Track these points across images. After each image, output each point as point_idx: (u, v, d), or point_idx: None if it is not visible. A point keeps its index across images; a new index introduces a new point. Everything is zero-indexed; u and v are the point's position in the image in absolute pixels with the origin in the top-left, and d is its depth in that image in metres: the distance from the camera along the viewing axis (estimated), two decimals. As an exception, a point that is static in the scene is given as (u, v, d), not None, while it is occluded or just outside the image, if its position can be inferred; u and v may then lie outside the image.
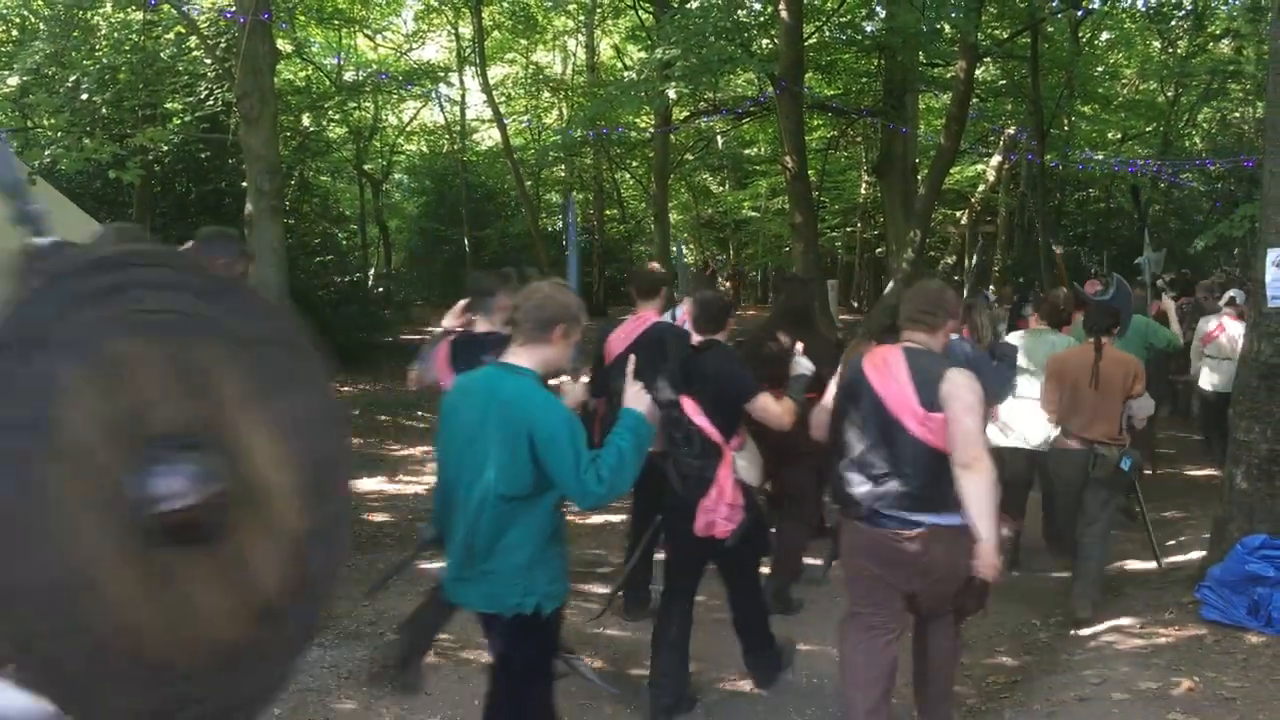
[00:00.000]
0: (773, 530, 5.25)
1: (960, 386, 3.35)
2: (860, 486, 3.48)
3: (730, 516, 3.97)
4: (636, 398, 3.14)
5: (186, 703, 1.30)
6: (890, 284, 7.44)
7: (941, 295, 3.70)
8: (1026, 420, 5.95)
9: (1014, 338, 6.33)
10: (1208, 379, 8.20)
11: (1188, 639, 4.59)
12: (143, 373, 1.33)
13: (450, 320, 4.71)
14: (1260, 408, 5.00)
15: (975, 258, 19.01)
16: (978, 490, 3.28)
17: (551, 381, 3.35)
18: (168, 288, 1.40)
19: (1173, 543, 6.65)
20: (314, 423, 1.52)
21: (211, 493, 1.31)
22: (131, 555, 1.27)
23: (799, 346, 4.59)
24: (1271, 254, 4.92)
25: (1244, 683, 4.06)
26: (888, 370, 3.47)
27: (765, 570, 5.16)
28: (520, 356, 3.04)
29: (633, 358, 3.40)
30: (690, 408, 4.04)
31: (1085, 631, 5.03)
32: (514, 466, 2.88)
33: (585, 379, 4.34)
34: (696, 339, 4.34)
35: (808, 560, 5.67)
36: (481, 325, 4.47)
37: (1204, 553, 5.44)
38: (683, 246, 10.67)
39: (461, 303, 4.72)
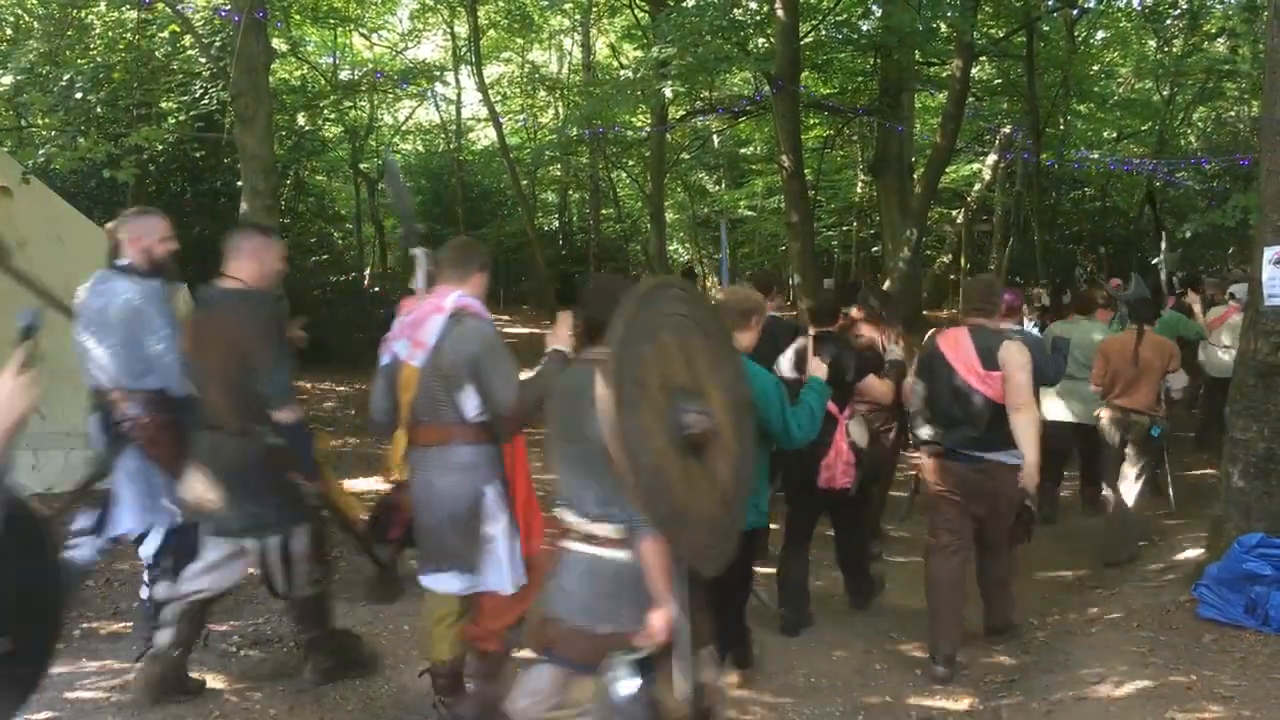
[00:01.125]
0: None
1: (1013, 351, 4.51)
2: (941, 432, 4.69)
3: (846, 472, 4.97)
4: (818, 369, 4.31)
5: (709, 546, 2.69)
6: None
7: (993, 287, 4.97)
8: (1071, 396, 7.18)
9: (1057, 327, 7.61)
10: (1216, 365, 8.54)
11: (1185, 638, 4.59)
12: (671, 351, 2.59)
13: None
14: (1257, 406, 4.99)
15: (1006, 261, 19.03)
16: (1026, 426, 4.46)
17: None
18: (676, 300, 2.69)
19: (1169, 541, 6.66)
20: (734, 381, 2.83)
21: (709, 424, 2.59)
22: (679, 460, 2.55)
23: (892, 336, 5.98)
24: (1269, 253, 4.92)
25: (1241, 681, 4.05)
26: (957, 345, 4.64)
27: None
28: None
29: (808, 340, 4.93)
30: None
31: (1082, 630, 5.03)
32: None
33: None
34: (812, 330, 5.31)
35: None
36: None
37: (1201, 551, 5.44)
38: (725, 237, 10.79)
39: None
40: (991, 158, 21.21)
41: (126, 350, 4.29)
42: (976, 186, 22.27)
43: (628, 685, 2.71)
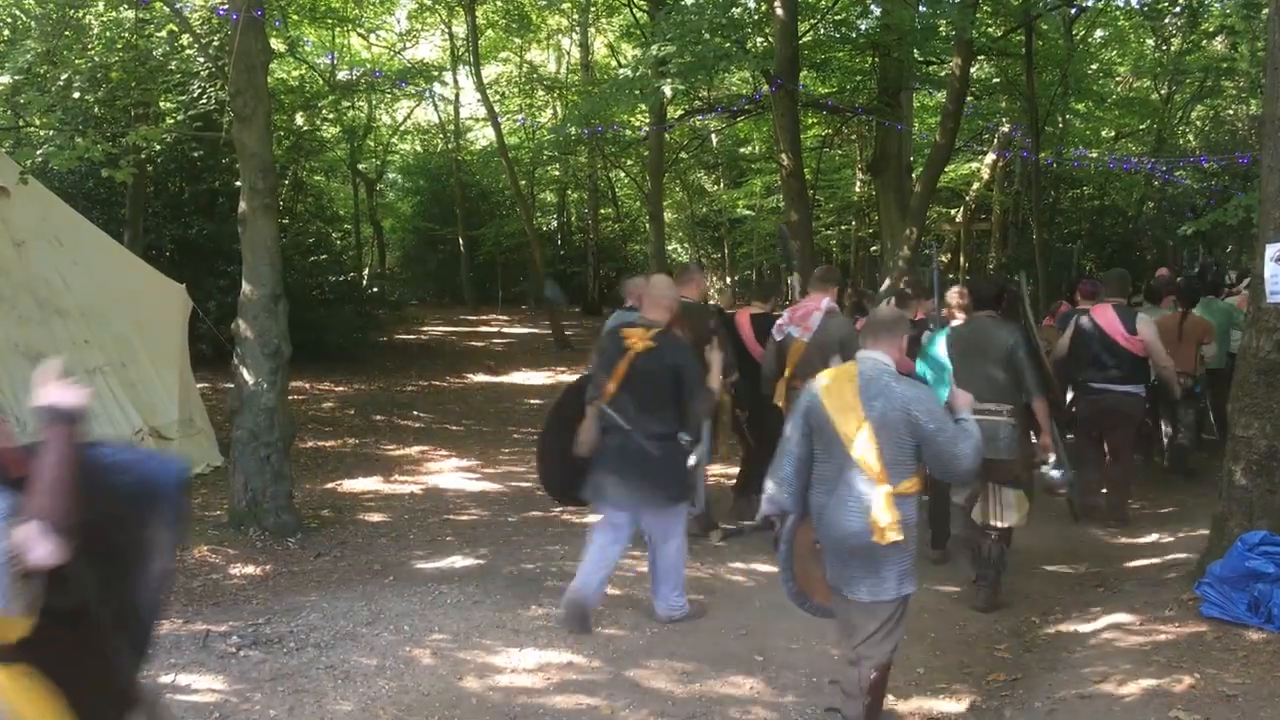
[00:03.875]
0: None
1: (1146, 325, 7.04)
2: (1094, 375, 7.09)
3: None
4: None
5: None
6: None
7: (1125, 279, 7.71)
8: None
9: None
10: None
11: (1188, 636, 4.57)
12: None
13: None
14: (1259, 403, 4.98)
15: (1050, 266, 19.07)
16: (1166, 369, 7.24)
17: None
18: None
19: (1171, 539, 6.66)
20: None
21: None
22: None
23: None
24: (1270, 249, 4.90)
25: (1245, 679, 4.04)
26: (1105, 315, 7.08)
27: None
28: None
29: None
30: None
31: (1085, 628, 5.02)
32: None
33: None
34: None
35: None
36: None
37: (1204, 549, 5.43)
38: (786, 236, 10.92)
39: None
40: (990, 157, 21.16)
41: None
42: (975, 185, 22.22)
43: (1055, 468, 5.63)
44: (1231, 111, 23.48)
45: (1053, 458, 5.57)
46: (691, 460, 5.16)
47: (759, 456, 6.54)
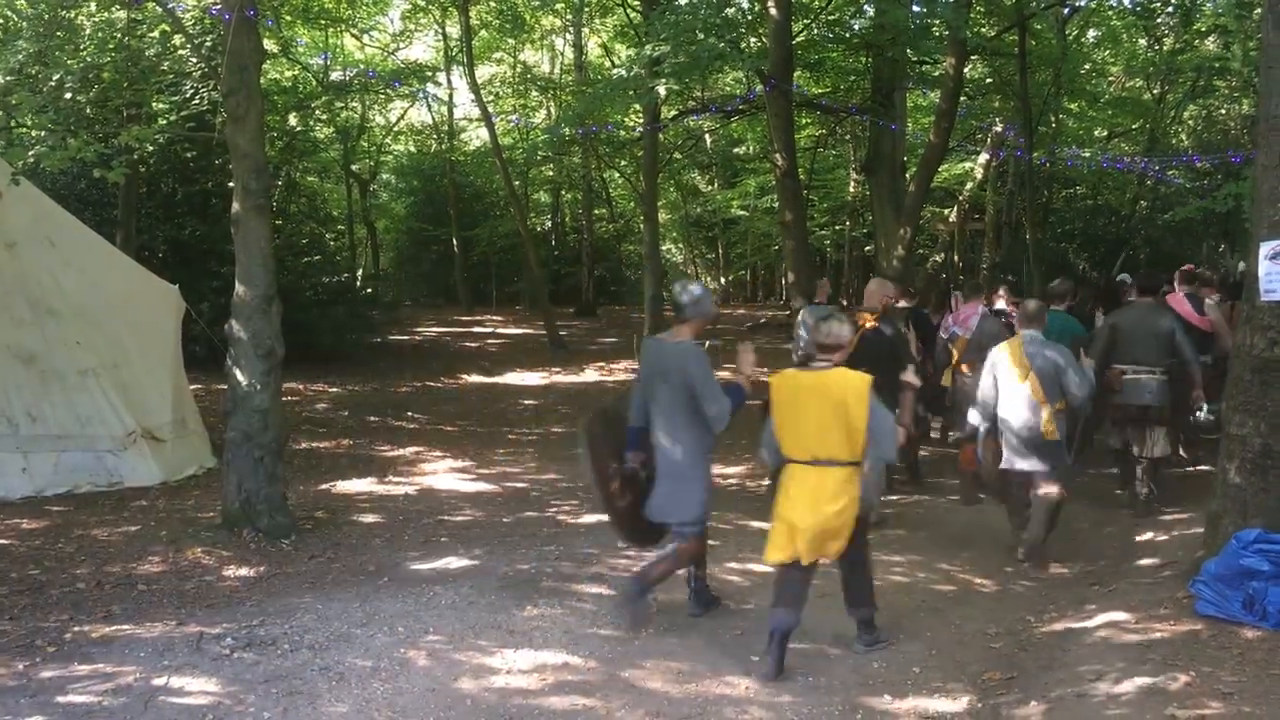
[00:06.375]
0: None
1: (1212, 307, 8.03)
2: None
3: None
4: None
5: None
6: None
7: (1195, 274, 8.74)
8: None
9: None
10: None
11: (1183, 634, 4.58)
12: None
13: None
14: (1254, 401, 4.99)
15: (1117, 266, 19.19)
16: (1229, 348, 6.40)
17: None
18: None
19: (1166, 537, 6.66)
20: None
21: None
22: None
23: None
24: (1264, 248, 4.91)
25: (1240, 677, 4.04)
26: (1180, 303, 8.14)
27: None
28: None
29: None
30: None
31: (1080, 627, 5.02)
32: None
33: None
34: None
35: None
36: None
37: (1198, 548, 5.44)
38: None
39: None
40: (984, 156, 21.19)
41: None
42: (969, 185, 22.26)
43: (1207, 413, 7.37)
44: (1224, 111, 23.54)
45: (1205, 406, 7.29)
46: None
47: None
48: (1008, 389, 6.34)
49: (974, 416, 6.69)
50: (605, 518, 5.47)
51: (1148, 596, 5.22)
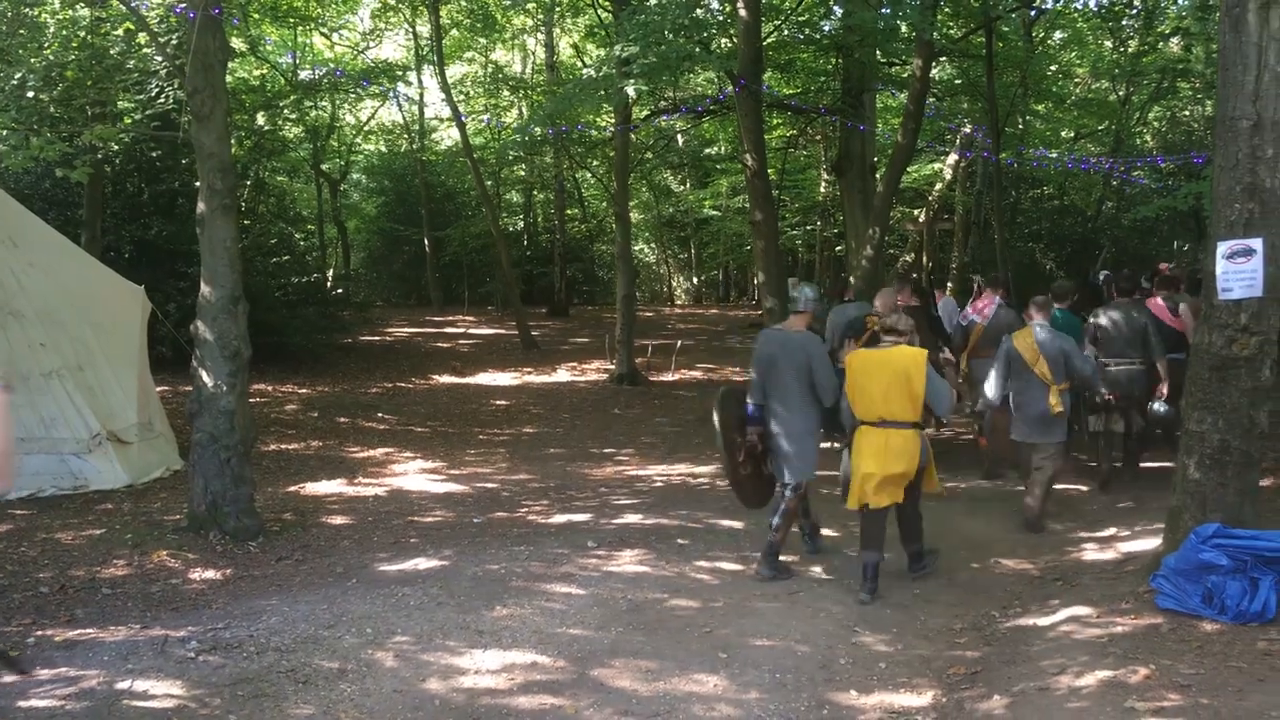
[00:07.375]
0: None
1: (1186, 310, 8.26)
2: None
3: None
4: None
5: None
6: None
7: (1174, 279, 9.18)
8: None
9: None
10: None
11: (1144, 628, 4.65)
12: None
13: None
14: (1212, 399, 5.07)
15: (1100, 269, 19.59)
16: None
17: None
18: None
19: (1127, 532, 6.75)
20: None
21: None
22: None
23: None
24: (1221, 247, 4.99)
25: (1199, 670, 4.11)
26: (1157, 305, 8.44)
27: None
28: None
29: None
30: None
31: (1044, 622, 5.09)
32: None
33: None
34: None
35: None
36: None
37: (1158, 543, 5.52)
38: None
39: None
40: (952, 157, 21.38)
41: None
42: (938, 186, 22.45)
43: (1161, 406, 7.88)
44: (1188, 112, 23.88)
45: (1162, 401, 7.87)
46: None
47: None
48: (1020, 372, 7.16)
49: (988, 392, 7.44)
50: (726, 484, 6.98)
51: (1109, 591, 5.29)
